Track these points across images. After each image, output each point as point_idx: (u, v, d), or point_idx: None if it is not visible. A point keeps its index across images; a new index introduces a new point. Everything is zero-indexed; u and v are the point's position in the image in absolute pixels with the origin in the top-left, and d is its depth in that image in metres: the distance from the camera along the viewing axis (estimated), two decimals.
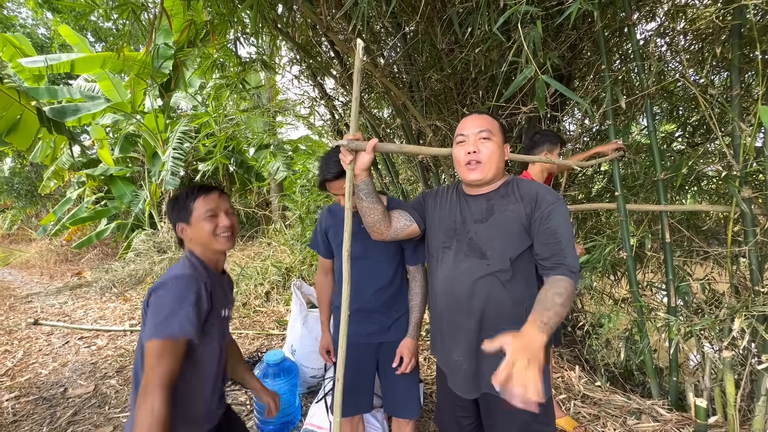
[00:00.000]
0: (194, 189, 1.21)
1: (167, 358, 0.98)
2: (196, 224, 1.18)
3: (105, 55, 5.94)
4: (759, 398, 1.81)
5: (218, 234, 1.19)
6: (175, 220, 1.21)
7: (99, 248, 8.24)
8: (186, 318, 1.02)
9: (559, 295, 1.00)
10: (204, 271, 1.17)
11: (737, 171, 1.87)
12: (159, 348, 0.98)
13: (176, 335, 0.99)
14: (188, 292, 1.05)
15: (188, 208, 1.18)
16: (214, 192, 1.22)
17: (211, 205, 1.19)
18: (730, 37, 1.90)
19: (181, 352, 1.02)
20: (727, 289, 2.12)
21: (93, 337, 3.88)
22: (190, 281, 1.07)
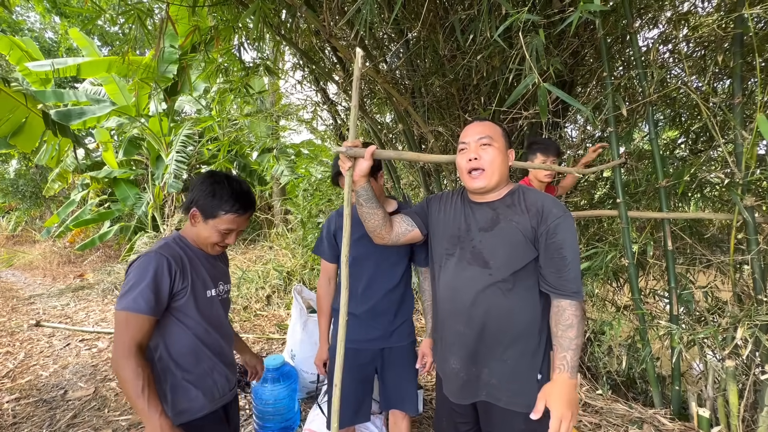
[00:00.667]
0: (234, 201, 1.19)
1: (129, 329, 1.04)
2: (209, 228, 1.20)
3: (111, 59, 6.00)
4: (763, 409, 1.79)
5: (218, 245, 1.24)
6: (196, 203, 1.20)
7: (102, 250, 8.28)
8: (140, 294, 1.06)
9: (570, 327, 1.06)
10: (180, 249, 1.19)
11: (740, 179, 1.86)
12: (122, 319, 1.05)
13: (130, 309, 1.04)
14: (148, 270, 1.09)
15: (215, 211, 1.19)
16: (247, 214, 1.23)
17: (234, 226, 1.21)
18: (732, 45, 1.90)
19: (142, 324, 1.06)
20: (730, 298, 2.10)
21: (94, 339, 3.88)
22: (152, 260, 1.11)
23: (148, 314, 1.06)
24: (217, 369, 1.25)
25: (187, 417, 1.17)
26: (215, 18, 2.82)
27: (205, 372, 1.22)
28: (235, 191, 1.19)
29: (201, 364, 1.21)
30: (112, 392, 2.82)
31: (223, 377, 1.28)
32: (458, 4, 2.41)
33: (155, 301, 1.08)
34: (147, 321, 1.07)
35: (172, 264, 1.13)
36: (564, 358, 1.04)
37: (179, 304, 1.16)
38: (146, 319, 1.06)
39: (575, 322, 1.05)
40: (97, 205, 7.74)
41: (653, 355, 2.29)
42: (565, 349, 1.05)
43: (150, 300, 1.06)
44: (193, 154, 6.81)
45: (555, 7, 2.34)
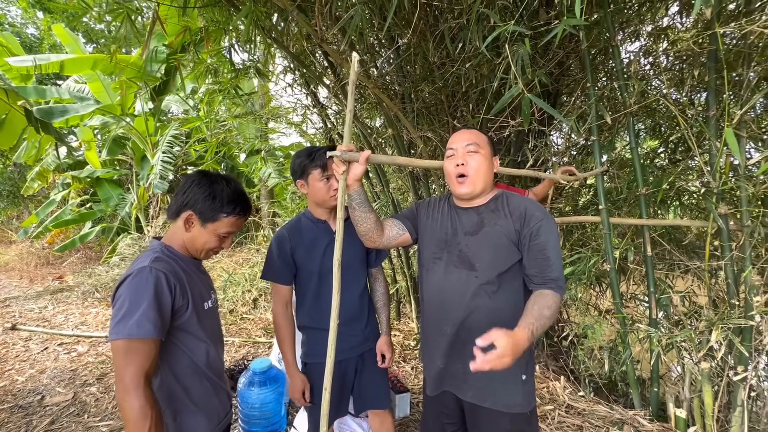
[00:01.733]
0: (235, 203, 1.12)
1: (135, 358, 0.93)
2: (208, 233, 1.13)
3: (96, 57, 5.89)
4: (735, 409, 1.87)
5: (213, 250, 1.18)
6: (191, 206, 1.11)
7: (82, 252, 8.06)
8: (143, 316, 0.95)
9: (548, 308, 1.06)
10: (172, 261, 1.10)
11: (714, 188, 1.95)
12: (123, 348, 0.94)
13: (134, 335, 0.93)
14: (146, 288, 0.98)
15: (215, 215, 1.11)
16: (247, 216, 1.19)
17: (234, 229, 1.16)
18: (707, 60, 1.99)
19: (149, 350, 0.96)
20: (706, 302, 2.19)
21: (73, 343, 3.78)
22: (148, 275, 1.00)
23: (155, 337, 0.96)
24: (218, 388, 1.19)
25: None
26: (205, 19, 2.81)
27: (209, 392, 1.15)
28: (234, 192, 1.13)
29: (204, 384, 1.14)
30: (92, 397, 2.75)
31: (224, 395, 1.23)
32: (448, 13, 2.46)
33: (160, 321, 0.98)
34: (154, 345, 0.97)
35: (170, 279, 1.03)
36: (531, 324, 1.00)
37: (181, 322, 1.07)
38: (154, 343, 0.97)
39: (553, 307, 1.06)
40: (78, 205, 7.54)
41: (633, 358, 2.36)
42: (536, 319, 1.01)
43: (156, 321, 0.96)
44: (180, 155, 6.72)
45: (541, 19, 2.41)
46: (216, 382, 1.19)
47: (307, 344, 1.61)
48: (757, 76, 1.99)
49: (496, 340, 0.91)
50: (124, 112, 6.61)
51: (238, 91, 3.35)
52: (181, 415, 1.10)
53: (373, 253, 1.62)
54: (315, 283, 1.51)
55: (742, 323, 1.80)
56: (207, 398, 1.15)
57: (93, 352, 3.56)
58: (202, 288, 1.18)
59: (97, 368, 3.19)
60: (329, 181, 1.45)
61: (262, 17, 1.91)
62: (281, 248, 1.50)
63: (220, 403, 1.20)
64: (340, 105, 3.39)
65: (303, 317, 1.59)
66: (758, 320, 1.78)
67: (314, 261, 1.50)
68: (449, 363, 1.23)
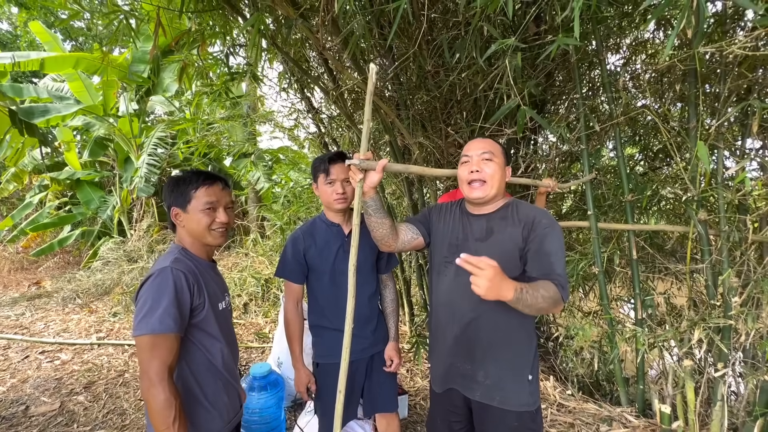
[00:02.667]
0: (198, 176, 1.16)
1: (159, 353, 0.99)
2: (192, 214, 1.15)
3: (79, 55, 5.74)
4: (715, 404, 1.98)
5: (213, 229, 1.17)
6: (170, 203, 1.17)
7: (60, 256, 7.78)
8: (166, 313, 1.00)
9: (546, 291, 1.06)
10: (190, 262, 1.14)
11: (694, 195, 2.07)
12: (147, 344, 0.99)
13: (157, 331, 0.99)
14: (167, 286, 1.03)
15: (187, 195, 1.15)
16: (218, 183, 1.19)
17: (212, 198, 1.16)
18: (687, 76, 2.12)
19: (171, 345, 1.01)
20: (687, 303, 2.31)
21: (56, 351, 3.66)
22: (169, 275, 1.05)
23: (177, 332, 1.02)
24: (229, 387, 1.22)
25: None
26: (200, 23, 2.80)
27: (220, 391, 1.18)
28: (194, 171, 1.18)
29: (217, 382, 1.18)
30: (81, 406, 2.68)
31: (235, 394, 1.25)
32: (443, 26, 2.54)
33: (181, 317, 1.04)
34: (176, 340, 1.03)
35: (189, 278, 1.09)
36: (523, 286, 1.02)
37: (198, 320, 1.12)
38: (175, 338, 1.03)
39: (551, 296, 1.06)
40: (56, 208, 7.28)
41: (619, 357, 2.47)
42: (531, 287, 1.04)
43: (176, 317, 1.02)
44: (165, 157, 6.59)
45: (531, 32, 2.52)
46: (228, 381, 1.22)
47: (318, 345, 1.65)
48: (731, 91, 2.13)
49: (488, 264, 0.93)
50: (106, 113, 6.44)
51: (229, 94, 3.35)
52: (196, 411, 1.13)
53: (384, 259, 1.67)
54: (326, 283, 1.57)
55: (722, 323, 1.92)
56: (218, 396, 1.18)
57: (78, 360, 3.46)
58: (216, 289, 1.22)
59: (83, 376, 3.10)
60: (333, 185, 1.52)
61: (266, 25, 1.93)
62: (295, 248, 1.58)
63: (231, 402, 1.23)
64: (336, 110, 3.42)
65: (314, 317, 1.64)
66: (736, 320, 1.90)
67: (326, 262, 1.56)
68: (457, 363, 1.28)
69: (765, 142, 2.20)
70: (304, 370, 1.60)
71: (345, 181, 1.52)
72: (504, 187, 1.29)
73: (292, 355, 1.61)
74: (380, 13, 2.27)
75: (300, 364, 1.60)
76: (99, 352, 3.61)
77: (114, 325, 4.33)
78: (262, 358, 3.35)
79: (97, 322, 4.42)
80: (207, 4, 2.35)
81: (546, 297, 1.05)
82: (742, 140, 2.16)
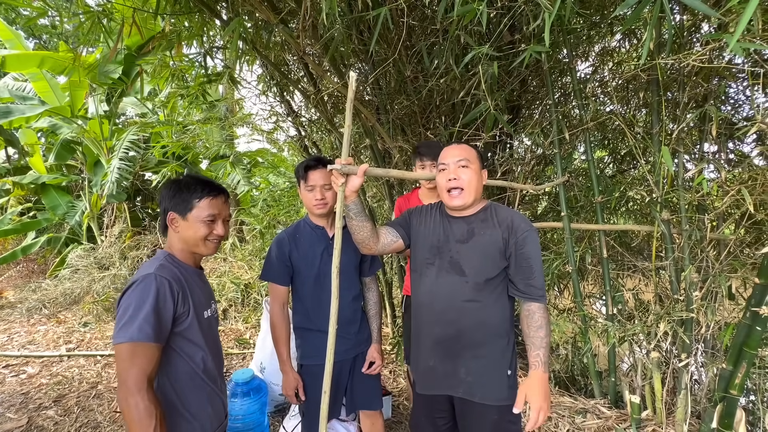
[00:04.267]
0: (204, 186, 1.16)
1: (138, 361, 0.97)
2: (191, 222, 1.14)
3: (44, 54, 5.49)
4: (680, 392, 2.11)
5: (209, 240, 1.17)
6: (168, 207, 1.16)
7: (24, 265, 7.38)
8: (145, 321, 0.98)
9: (540, 328, 1.21)
10: (176, 269, 1.13)
11: (658, 196, 2.20)
12: (126, 352, 0.97)
13: (135, 339, 0.97)
14: (149, 294, 1.01)
15: (190, 203, 1.14)
16: (222, 196, 1.19)
17: (215, 210, 1.16)
18: (650, 84, 2.25)
19: (151, 354, 0.99)
20: (652, 298, 2.45)
21: (21, 364, 3.48)
22: (152, 282, 1.03)
23: (156, 342, 1.00)
24: (213, 396, 1.20)
25: None
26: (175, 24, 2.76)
27: (203, 400, 1.16)
28: (199, 179, 1.18)
29: (199, 391, 1.16)
30: (51, 421, 2.57)
31: (219, 404, 1.23)
32: (422, 33, 2.60)
33: (160, 327, 1.02)
34: (156, 350, 1.01)
35: (173, 285, 1.07)
36: (537, 356, 1.19)
37: (182, 329, 1.10)
38: (155, 347, 1.00)
39: (543, 323, 1.21)
40: (19, 214, 6.92)
41: (592, 352, 2.58)
42: (538, 348, 1.19)
43: (156, 326, 1.00)
44: (138, 160, 6.38)
45: (505, 39, 2.62)
46: (213, 390, 1.20)
47: (302, 346, 1.66)
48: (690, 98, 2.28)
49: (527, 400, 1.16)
50: (74, 114, 6.18)
51: (206, 97, 3.30)
52: (177, 423, 1.11)
53: (368, 262, 1.71)
54: (311, 286, 1.58)
55: (684, 316, 2.05)
56: (201, 406, 1.16)
57: (46, 373, 3.30)
58: (202, 297, 1.20)
59: (53, 390, 2.97)
60: (312, 191, 1.55)
61: (246, 29, 1.93)
62: (280, 250, 1.59)
63: (215, 412, 1.21)
64: (316, 113, 3.43)
65: (298, 319, 1.65)
66: (697, 312, 2.03)
67: (311, 265, 1.57)
68: (440, 363, 1.32)
69: (721, 146, 2.36)
70: (292, 373, 1.60)
71: (324, 187, 1.53)
72: (481, 190, 1.34)
73: (280, 358, 1.60)
74: (360, 19, 2.30)
75: (288, 367, 1.60)
76: (69, 363, 3.46)
77: (85, 335, 4.16)
78: (243, 364, 3.30)
79: (66, 333, 4.23)
80: (184, 6, 2.32)
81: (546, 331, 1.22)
82: (700, 144, 2.32)
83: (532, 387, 1.16)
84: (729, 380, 1.87)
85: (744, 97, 2.43)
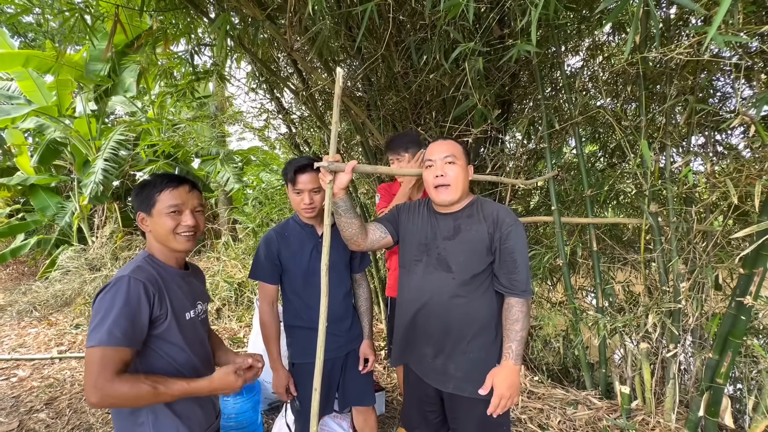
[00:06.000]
0: (162, 179, 1.13)
1: (107, 366, 0.94)
2: (157, 217, 1.11)
3: (29, 53, 5.40)
4: (669, 382, 2.14)
5: (178, 233, 1.13)
6: (137, 208, 1.15)
7: (13, 267, 7.29)
8: (114, 325, 0.96)
9: (516, 321, 1.23)
10: (154, 270, 1.10)
11: (646, 189, 2.22)
12: (95, 356, 0.94)
13: (104, 343, 0.94)
14: (120, 297, 0.99)
15: (152, 198, 1.11)
16: (184, 186, 1.14)
17: (177, 201, 1.11)
18: (637, 78, 2.27)
19: (122, 357, 0.97)
20: (642, 290, 2.48)
21: (12, 367, 3.45)
22: (124, 285, 1.01)
23: (127, 346, 0.97)
24: (200, 398, 1.16)
25: None
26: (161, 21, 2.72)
27: (191, 402, 1.13)
28: (159, 175, 1.16)
29: None
30: (42, 424, 2.55)
31: (210, 405, 1.21)
32: (411, 28, 2.59)
33: (133, 331, 0.99)
34: (127, 353, 0.98)
35: (149, 288, 1.04)
36: (510, 348, 1.23)
37: (159, 332, 1.07)
38: (126, 351, 0.97)
39: (521, 317, 1.23)
40: (7, 216, 6.82)
41: (584, 345, 2.61)
42: (512, 340, 1.23)
43: (127, 330, 0.97)
44: (127, 160, 6.31)
45: (495, 34, 2.61)
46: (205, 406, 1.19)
47: (293, 345, 1.66)
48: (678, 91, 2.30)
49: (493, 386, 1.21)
50: (62, 114, 6.09)
51: (195, 94, 3.26)
52: (164, 424, 1.09)
53: (357, 258, 1.70)
54: (300, 284, 1.58)
55: (672, 306, 2.08)
56: (188, 408, 1.14)
57: (37, 375, 3.27)
58: (184, 298, 1.16)
59: (44, 392, 2.94)
60: (300, 195, 1.52)
61: (233, 26, 1.91)
62: (268, 249, 1.58)
63: (204, 413, 1.19)
64: (306, 110, 3.41)
65: (289, 317, 1.65)
66: (684, 303, 2.06)
67: (300, 262, 1.57)
68: (428, 358, 1.33)
69: (708, 139, 2.39)
70: (283, 371, 1.60)
71: (313, 191, 1.50)
72: (468, 186, 1.34)
73: (270, 356, 1.60)
74: (348, 14, 2.29)
75: (278, 365, 1.60)
76: (61, 366, 3.43)
77: (76, 337, 4.12)
78: None
79: (57, 335, 4.19)
80: (169, 2, 2.29)
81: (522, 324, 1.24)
82: (688, 138, 2.34)
83: (500, 375, 1.22)
84: (715, 369, 1.90)
85: (731, 89, 2.45)
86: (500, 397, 1.20)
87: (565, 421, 2.21)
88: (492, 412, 1.20)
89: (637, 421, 2.14)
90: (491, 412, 1.20)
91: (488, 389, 1.22)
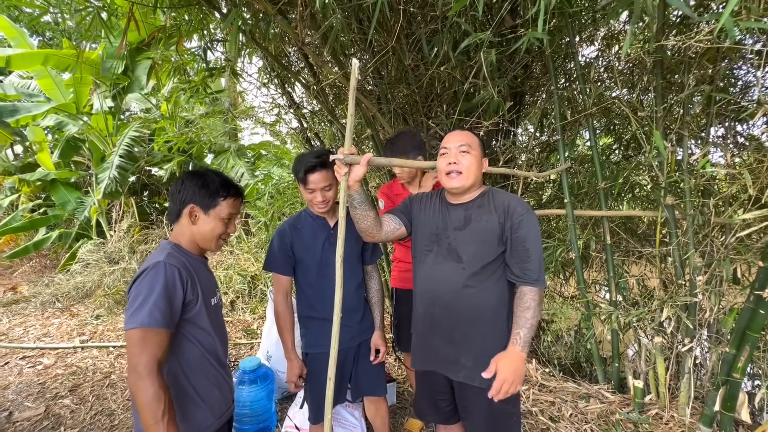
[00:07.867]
0: (229, 186, 1.21)
1: (148, 347, 0.99)
2: (212, 220, 1.19)
3: (47, 52, 5.53)
4: (683, 376, 2.12)
5: (222, 238, 1.23)
6: (190, 199, 1.18)
7: (35, 260, 7.53)
8: (155, 307, 1.01)
9: (527, 309, 1.21)
10: (183, 257, 1.16)
11: (662, 182, 2.18)
12: (137, 337, 0.99)
13: (146, 325, 0.99)
14: (158, 281, 1.04)
15: (214, 200, 1.18)
16: (242, 198, 1.26)
17: (234, 211, 1.22)
18: (654, 68, 2.21)
19: (161, 340, 1.02)
20: (657, 284, 2.44)
21: (38, 356, 3.59)
22: (162, 269, 1.06)
23: (166, 328, 1.03)
24: (219, 382, 1.23)
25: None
26: (175, 18, 2.76)
27: (211, 385, 1.20)
28: (224, 178, 1.22)
29: (209, 376, 1.19)
30: (67, 410, 2.65)
31: (227, 389, 1.27)
32: (422, 20, 2.57)
33: (170, 313, 1.04)
34: (166, 335, 1.03)
35: (182, 273, 1.10)
36: (518, 334, 1.21)
37: (191, 315, 1.13)
38: (165, 333, 1.03)
39: (533, 305, 1.22)
40: (29, 210, 7.04)
41: (596, 339, 2.59)
42: (521, 327, 1.21)
43: (166, 312, 1.03)
44: (142, 156, 6.44)
45: (507, 25, 2.58)
46: (219, 374, 1.24)
47: (307, 335, 1.69)
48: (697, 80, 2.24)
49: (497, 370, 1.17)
50: (80, 111, 6.24)
51: (207, 90, 3.31)
52: (187, 406, 1.14)
53: (369, 250, 1.72)
54: (313, 275, 1.61)
55: (688, 300, 2.04)
56: (210, 390, 1.20)
57: (61, 363, 3.40)
58: (209, 284, 1.24)
59: (68, 380, 3.06)
60: (312, 193, 1.53)
61: (245, 21, 1.93)
62: (282, 241, 1.61)
63: (223, 397, 1.25)
64: (317, 105, 3.42)
65: (302, 308, 1.68)
66: (700, 297, 2.03)
67: (313, 254, 1.59)
68: (440, 348, 1.34)
69: (727, 130, 2.32)
70: (297, 361, 1.64)
71: (325, 189, 1.52)
72: (481, 177, 1.34)
73: (285, 346, 1.64)
74: (359, 7, 2.28)
75: (293, 355, 1.63)
76: (83, 355, 3.56)
77: (97, 327, 4.26)
78: (250, 354, 3.37)
79: (79, 326, 4.33)
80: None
81: (533, 313, 1.21)
82: (707, 128, 2.28)
83: (504, 359, 1.20)
84: (732, 364, 1.87)
85: (753, 78, 2.38)
86: (503, 381, 1.16)
87: (576, 414, 2.21)
88: (493, 396, 1.17)
89: (650, 415, 2.12)
90: (492, 395, 1.17)
91: (492, 373, 1.18)
